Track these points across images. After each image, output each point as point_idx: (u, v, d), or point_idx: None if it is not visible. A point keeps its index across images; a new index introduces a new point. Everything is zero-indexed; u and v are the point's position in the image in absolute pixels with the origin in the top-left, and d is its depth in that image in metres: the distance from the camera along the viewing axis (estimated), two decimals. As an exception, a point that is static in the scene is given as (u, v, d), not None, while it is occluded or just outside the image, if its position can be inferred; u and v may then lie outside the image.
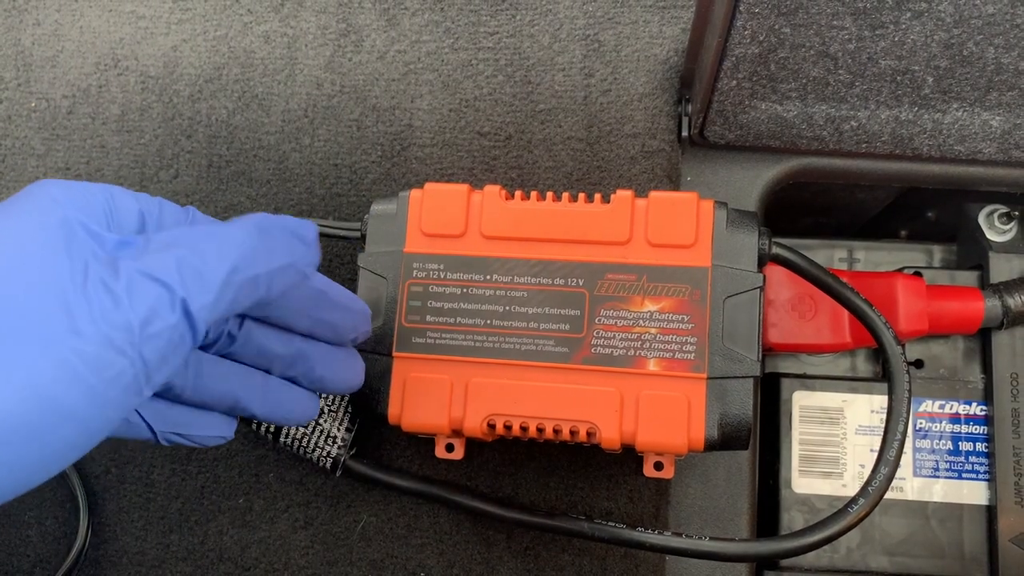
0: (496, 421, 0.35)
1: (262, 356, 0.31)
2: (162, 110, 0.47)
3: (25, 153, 0.47)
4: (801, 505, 0.43)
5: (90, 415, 0.23)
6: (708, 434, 0.33)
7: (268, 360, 0.31)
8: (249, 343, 0.30)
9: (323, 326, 0.31)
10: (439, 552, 0.41)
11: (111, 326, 0.23)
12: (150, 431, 0.29)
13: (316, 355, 0.32)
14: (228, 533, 0.42)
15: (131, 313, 0.23)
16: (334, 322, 0.31)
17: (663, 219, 0.35)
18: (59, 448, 0.23)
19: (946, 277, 0.45)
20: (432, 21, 0.46)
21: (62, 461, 0.23)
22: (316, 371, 0.32)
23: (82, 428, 0.23)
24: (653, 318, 0.35)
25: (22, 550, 0.43)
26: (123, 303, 0.23)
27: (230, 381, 0.30)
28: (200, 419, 0.31)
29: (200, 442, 0.31)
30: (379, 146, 0.45)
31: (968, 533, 0.42)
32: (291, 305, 0.30)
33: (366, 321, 0.33)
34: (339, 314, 0.31)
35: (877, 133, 0.41)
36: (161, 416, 0.30)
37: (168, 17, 0.48)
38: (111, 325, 0.23)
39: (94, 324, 0.22)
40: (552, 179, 0.44)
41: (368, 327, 0.33)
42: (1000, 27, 0.34)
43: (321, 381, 0.32)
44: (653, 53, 0.45)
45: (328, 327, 0.31)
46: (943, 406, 0.44)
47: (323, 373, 0.32)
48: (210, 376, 0.30)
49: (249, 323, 0.30)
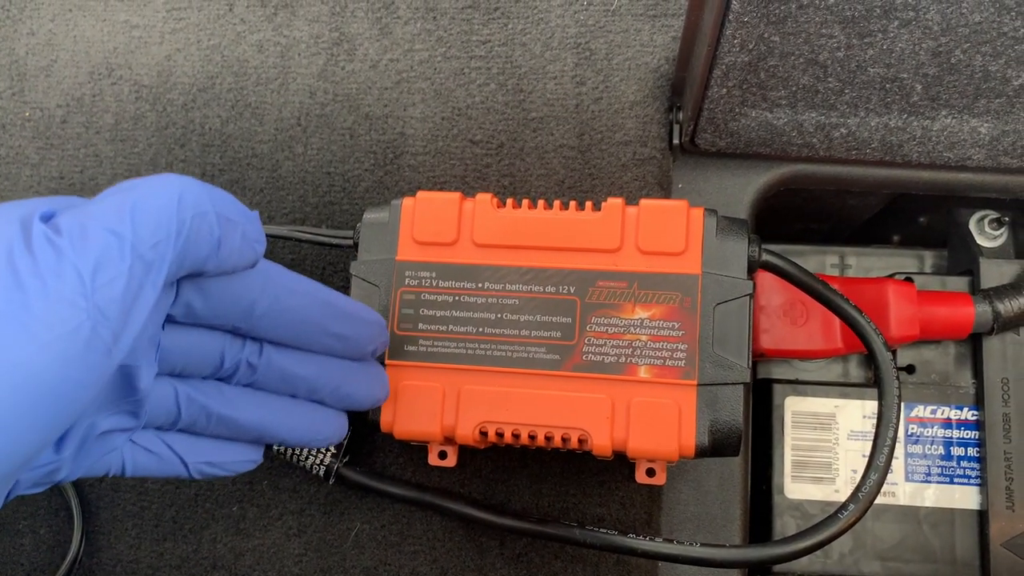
0: (488, 428, 0.35)
1: (285, 381, 0.31)
2: (156, 119, 0.47)
3: (19, 162, 0.47)
4: (794, 510, 0.43)
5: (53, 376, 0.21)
6: (699, 440, 0.34)
7: (292, 384, 0.31)
8: (271, 369, 0.30)
9: (341, 341, 0.31)
10: (432, 559, 0.41)
11: (58, 279, 0.22)
12: (182, 463, 0.29)
13: (340, 373, 0.32)
14: (222, 541, 0.42)
15: (78, 263, 0.22)
16: (351, 336, 0.31)
17: (654, 227, 0.35)
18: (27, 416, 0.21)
19: (937, 283, 0.45)
20: (424, 30, 0.47)
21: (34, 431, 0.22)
22: (342, 389, 0.32)
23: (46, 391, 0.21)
24: (644, 325, 0.35)
25: (16, 559, 0.43)
26: (66, 254, 0.22)
27: (256, 411, 0.30)
28: (229, 448, 0.31)
29: (231, 470, 0.31)
30: (372, 154, 0.45)
31: (960, 538, 0.43)
32: (302, 319, 0.29)
33: (383, 332, 0.32)
34: (355, 327, 0.31)
35: (867, 140, 0.41)
36: (191, 449, 0.30)
37: (162, 27, 0.48)
38: (58, 278, 0.22)
39: (39, 278, 0.21)
40: (544, 187, 0.44)
41: (386, 337, 0.33)
42: (987, 35, 0.34)
43: (348, 398, 0.32)
44: (644, 61, 0.45)
45: (346, 342, 0.31)
46: (935, 411, 0.44)
47: (349, 390, 0.32)
48: (235, 408, 0.30)
49: (268, 348, 0.30)
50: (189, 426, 0.29)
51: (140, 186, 0.24)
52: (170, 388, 0.29)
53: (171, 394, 0.29)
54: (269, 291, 0.28)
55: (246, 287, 0.28)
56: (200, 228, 0.24)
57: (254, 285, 0.28)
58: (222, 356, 0.29)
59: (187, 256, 0.24)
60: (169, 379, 0.29)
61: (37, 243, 0.22)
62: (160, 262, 0.23)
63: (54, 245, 0.22)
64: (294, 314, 0.29)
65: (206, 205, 0.25)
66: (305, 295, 0.29)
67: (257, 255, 0.27)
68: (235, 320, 0.28)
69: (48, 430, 0.22)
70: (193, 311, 0.27)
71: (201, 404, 0.29)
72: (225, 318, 0.28)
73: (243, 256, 0.26)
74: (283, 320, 0.29)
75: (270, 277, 0.28)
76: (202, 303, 0.27)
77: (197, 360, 0.29)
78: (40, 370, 0.21)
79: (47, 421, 0.22)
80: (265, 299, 0.28)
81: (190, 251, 0.24)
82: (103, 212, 0.23)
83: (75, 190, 0.46)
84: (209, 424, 0.29)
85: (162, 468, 0.29)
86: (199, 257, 0.25)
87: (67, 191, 0.46)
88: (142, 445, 0.29)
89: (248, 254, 0.26)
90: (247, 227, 0.26)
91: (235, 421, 0.30)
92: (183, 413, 0.29)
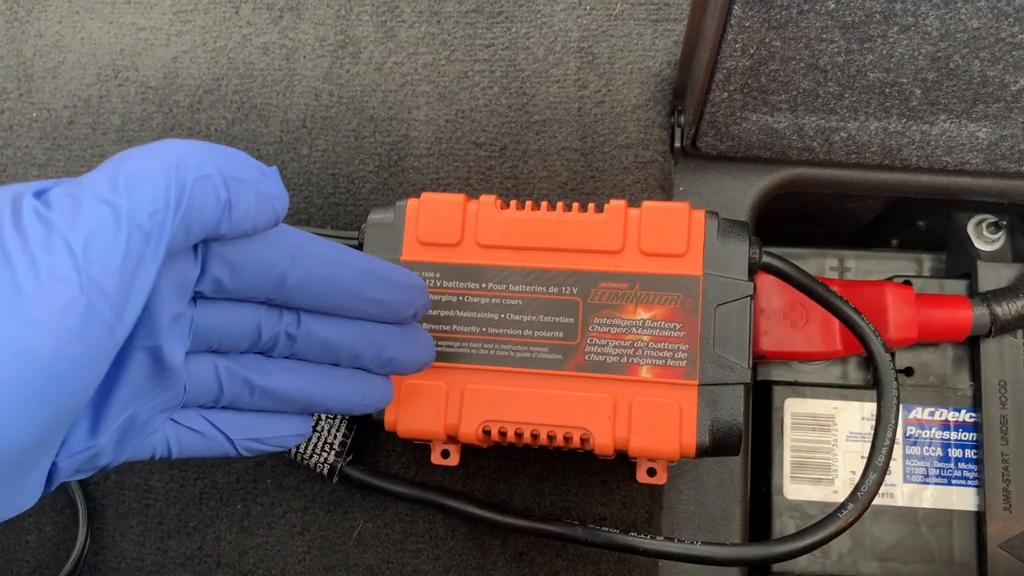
0: (491, 427, 0.35)
1: (327, 349, 0.30)
2: (162, 120, 0.47)
3: (26, 163, 0.47)
4: (793, 511, 0.44)
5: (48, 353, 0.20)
6: (700, 440, 0.34)
7: (334, 352, 0.30)
8: (311, 339, 0.29)
9: (380, 307, 0.30)
10: (435, 557, 0.42)
11: (48, 254, 0.21)
12: (228, 441, 0.29)
13: (382, 337, 0.31)
14: (226, 539, 0.43)
15: (69, 236, 0.21)
16: (390, 300, 0.30)
17: (656, 228, 0.36)
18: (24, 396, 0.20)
19: (935, 286, 0.45)
20: (429, 33, 0.47)
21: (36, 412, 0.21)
22: (385, 354, 0.31)
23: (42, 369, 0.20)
24: (645, 326, 0.35)
25: (21, 556, 0.43)
26: (57, 227, 0.21)
27: (299, 381, 0.30)
28: (275, 422, 0.30)
29: (279, 444, 0.30)
30: (376, 156, 0.46)
31: (958, 539, 0.43)
32: (339, 287, 0.28)
33: (424, 294, 0.32)
34: (393, 291, 0.30)
35: (866, 144, 0.42)
36: (236, 425, 0.29)
37: (168, 29, 0.48)
38: (48, 253, 0.21)
39: (28, 255, 0.21)
40: (547, 189, 0.44)
41: (427, 299, 0.32)
42: (985, 41, 0.35)
43: (392, 363, 0.31)
44: (646, 65, 0.45)
45: (385, 307, 0.30)
46: (933, 413, 0.44)
47: (393, 355, 0.31)
48: (280, 380, 0.29)
49: (306, 318, 0.29)
50: (232, 402, 0.29)
51: (136, 154, 0.23)
52: (210, 364, 0.28)
53: (211, 370, 0.28)
54: (301, 261, 0.27)
55: (275, 257, 0.27)
56: (204, 192, 0.23)
57: (284, 255, 0.27)
58: (259, 328, 0.28)
59: (193, 222, 0.23)
60: (208, 355, 0.28)
61: (27, 218, 0.21)
62: (160, 231, 0.22)
63: (43, 219, 0.21)
64: (330, 283, 0.28)
65: (208, 168, 0.23)
66: (339, 263, 0.29)
67: (277, 212, 0.26)
68: (268, 292, 0.27)
69: (54, 410, 0.21)
70: (222, 285, 0.26)
71: (243, 377, 0.29)
72: (257, 290, 0.27)
73: (261, 216, 0.25)
74: (319, 289, 0.28)
75: (300, 247, 0.27)
76: (230, 277, 0.26)
77: (234, 334, 0.28)
78: (34, 349, 0.20)
79: (51, 401, 0.21)
80: (297, 269, 0.27)
81: (195, 217, 0.23)
82: (96, 182, 0.22)
83: (82, 190, 0.47)
84: (253, 398, 0.29)
85: (208, 447, 0.29)
86: (209, 222, 0.24)
87: (74, 191, 0.47)
88: (186, 425, 0.28)
89: (267, 212, 0.25)
90: (263, 185, 0.25)
91: (279, 392, 0.29)
92: (225, 388, 0.28)
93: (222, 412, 0.29)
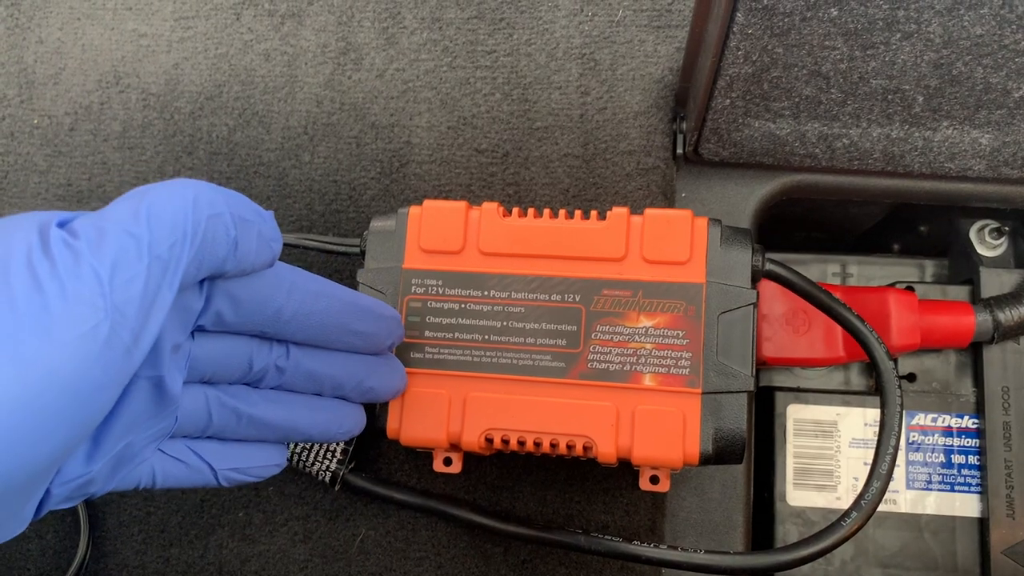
0: (494, 435, 0.35)
1: (312, 380, 0.31)
2: (163, 127, 0.47)
3: (27, 169, 0.47)
4: (796, 518, 0.44)
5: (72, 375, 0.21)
6: (703, 448, 0.34)
7: (319, 383, 0.32)
8: (298, 370, 0.31)
9: (362, 338, 0.32)
10: (437, 565, 0.42)
11: (77, 280, 0.22)
12: (211, 471, 0.30)
13: (363, 368, 0.33)
14: (228, 547, 0.42)
15: (96, 264, 0.22)
16: (372, 332, 0.32)
17: (658, 236, 0.36)
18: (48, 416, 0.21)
19: (938, 292, 0.45)
20: (430, 40, 0.47)
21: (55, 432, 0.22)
22: (365, 383, 0.33)
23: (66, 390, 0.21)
24: (648, 334, 0.35)
25: (22, 564, 0.43)
26: (84, 256, 0.22)
27: (284, 410, 0.31)
28: (254, 451, 0.31)
29: (258, 475, 0.31)
30: (378, 163, 0.46)
31: (961, 545, 0.43)
32: (330, 321, 0.30)
33: (399, 326, 0.34)
34: (374, 323, 0.32)
35: (869, 151, 0.42)
36: (218, 455, 0.30)
37: (169, 35, 0.48)
38: (76, 279, 0.22)
39: (57, 280, 0.22)
40: (549, 196, 0.44)
41: (401, 331, 0.34)
42: (988, 48, 0.35)
43: (371, 392, 0.33)
44: (648, 72, 0.45)
45: (367, 338, 0.32)
46: (936, 419, 0.44)
47: (372, 384, 0.33)
48: (266, 410, 0.30)
49: (295, 350, 0.30)
50: (219, 431, 0.30)
51: (155, 190, 0.24)
52: (200, 394, 0.29)
53: (202, 400, 0.29)
54: (295, 296, 0.29)
55: (273, 293, 0.28)
56: (216, 229, 0.24)
57: (280, 291, 0.28)
58: (251, 361, 0.30)
59: (205, 257, 0.24)
60: (199, 386, 0.29)
61: (55, 246, 0.22)
62: (177, 262, 0.23)
63: (71, 248, 0.22)
64: (320, 317, 0.30)
65: (221, 206, 0.25)
66: (329, 297, 0.30)
67: (274, 254, 0.27)
68: (263, 326, 0.29)
69: (70, 431, 0.22)
70: (222, 319, 0.27)
71: (232, 407, 0.30)
72: (253, 324, 0.28)
73: (260, 256, 0.26)
74: (309, 323, 0.29)
75: (295, 283, 0.29)
76: (231, 310, 0.27)
77: (227, 366, 0.29)
78: (59, 369, 0.21)
79: (68, 421, 0.22)
80: (292, 304, 0.29)
81: (208, 252, 0.24)
82: (119, 215, 0.23)
83: (83, 197, 0.47)
84: (239, 426, 0.30)
85: (191, 478, 0.29)
86: (217, 258, 0.25)
87: (75, 198, 0.47)
88: (171, 455, 0.29)
89: (265, 253, 0.27)
90: (263, 227, 0.26)
91: (264, 421, 0.30)
92: (214, 418, 0.29)
93: (206, 442, 0.30)
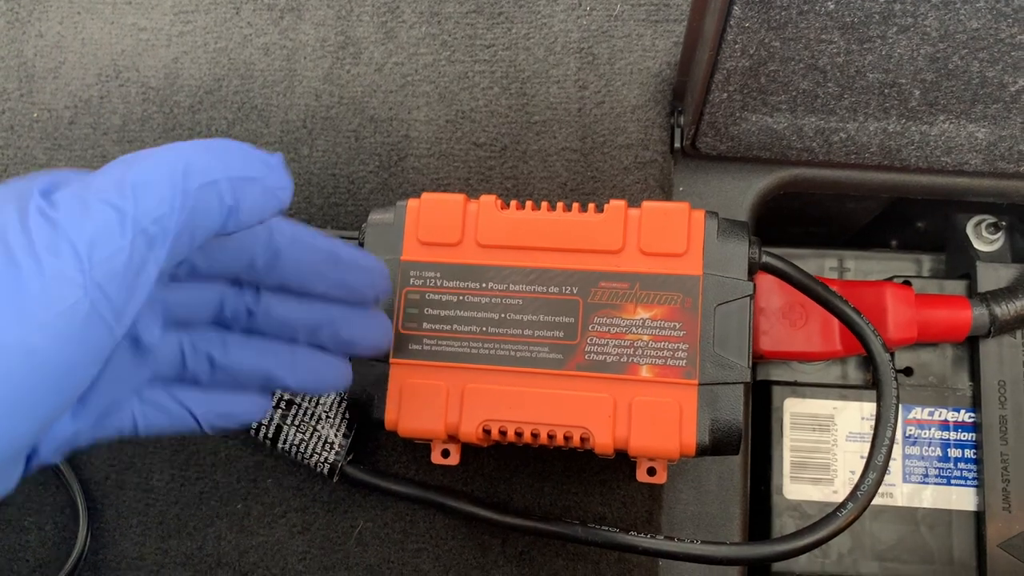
0: (491, 427, 0.35)
1: (285, 326, 0.30)
2: (163, 120, 0.47)
3: (27, 163, 0.47)
4: (792, 511, 0.44)
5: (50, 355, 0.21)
6: (699, 439, 0.34)
7: (292, 329, 0.30)
8: (270, 315, 0.30)
9: (341, 288, 0.31)
10: (435, 556, 0.42)
11: (54, 255, 0.21)
12: (192, 417, 0.29)
13: (340, 317, 0.31)
14: (226, 538, 0.43)
15: (75, 238, 0.21)
16: (352, 283, 0.31)
17: (655, 228, 0.36)
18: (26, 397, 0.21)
19: (935, 286, 0.45)
20: (429, 34, 0.47)
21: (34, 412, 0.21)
22: (343, 334, 0.31)
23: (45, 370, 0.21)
24: (645, 325, 0.35)
25: (22, 555, 0.43)
26: (63, 230, 0.21)
27: (258, 356, 0.30)
28: (236, 398, 0.30)
29: (242, 420, 0.30)
30: (377, 156, 0.46)
31: (957, 539, 0.43)
32: (303, 268, 0.29)
33: (384, 279, 0.32)
34: (355, 274, 0.31)
35: (866, 145, 0.42)
36: (199, 401, 0.29)
37: (169, 29, 0.49)
38: (54, 254, 0.21)
39: (33, 256, 0.21)
40: (547, 189, 0.45)
41: (388, 285, 0.32)
42: (984, 41, 0.35)
43: (350, 344, 0.32)
44: (646, 66, 0.46)
45: (347, 288, 0.31)
46: (932, 413, 0.45)
47: (350, 335, 0.31)
48: (237, 354, 0.29)
49: (266, 294, 0.30)
50: (195, 375, 0.29)
51: (142, 158, 0.23)
52: (174, 339, 0.28)
53: (175, 344, 0.29)
54: (271, 245, 0.28)
55: (249, 244, 0.27)
56: (209, 198, 0.23)
57: (258, 240, 0.28)
58: (221, 303, 0.29)
59: (198, 227, 0.23)
60: (173, 332, 0.29)
61: (33, 219, 0.21)
62: (163, 236, 0.22)
63: (50, 220, 0.21)
64: (295, 264, 0.29)
65: (215, 172, 0.23)
66: (305, 243, 0.29)
67: (282, 202, 0.26)
68: (236, 273, 0.28)
69: (51, 407, 0.22)
70: (196, 269, 0.27)
71: (204, 352, 0.29)
72: (226, 272, 0.28)
73: (266, 208, 0.25)
74: (283, 269, 0.29)
75: (272, 229, 0.28)
76: (204, 261, 0.27)
77: (198, 309, 0.29)
78: (37, 348, 0.20)
79: (47, 401, 0.21)
80: (267, 253, 0.28)
81: (200, 222, 0.23)
82: (103, 185, 0.22)
83: (82, 190, 0.47)
84: (214, 372, 0.29)
85: (173, 424, 0.29)
86: (212, 227, 0.24)
87: (74, 191, 0.47)
88: (151, 402, 0.28)
89: (272, 204, 0.25)
90: (268, 179, 0.25)
91: (238, 367, 0.29)
92: (188, 362, 0.29)
93: (185, 389, 0.29)
